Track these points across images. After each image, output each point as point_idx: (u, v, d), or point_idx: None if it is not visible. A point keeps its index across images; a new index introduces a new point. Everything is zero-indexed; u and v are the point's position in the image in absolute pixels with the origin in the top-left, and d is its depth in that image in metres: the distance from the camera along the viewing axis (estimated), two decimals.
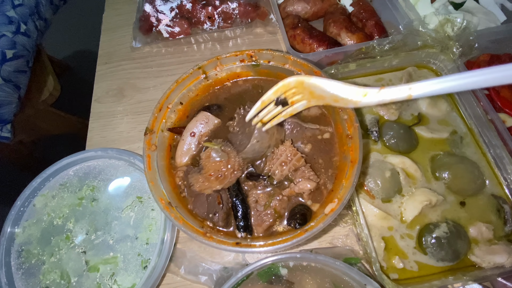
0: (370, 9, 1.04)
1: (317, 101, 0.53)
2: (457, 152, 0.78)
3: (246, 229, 0.56)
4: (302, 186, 0.58)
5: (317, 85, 0.50)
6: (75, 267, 0.68)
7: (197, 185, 0.59)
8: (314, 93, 0.52)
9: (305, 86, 0.51)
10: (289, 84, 0.52)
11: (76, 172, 0.78)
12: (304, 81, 0.51)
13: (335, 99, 0.50)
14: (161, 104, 0.66)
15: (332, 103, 0.51)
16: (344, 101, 0.49)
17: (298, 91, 0.52)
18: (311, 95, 0.52)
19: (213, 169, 0.58)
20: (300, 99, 0.53)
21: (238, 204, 0.58)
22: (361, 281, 0.56)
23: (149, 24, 1.05)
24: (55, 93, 1.70)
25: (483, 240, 0.68)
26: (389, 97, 0.48)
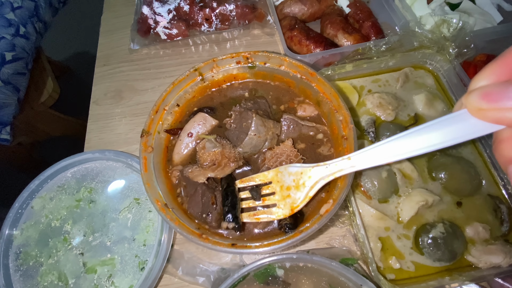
0: (367, 10, 1.05)
1: (284, 206, 0.56)
2: (454, 152, 0.78)
3: (233, 219, 0.55)
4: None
5: (285, 169, 0.57)
6: (73, 268, 0.68)
7: (190, 171, 0.60)
8: (283, 186, 0.57)
9: (278, 178, 0.58)
10: (266, 175, 0.59)
11: (74, 174, 0.79)
12: (278, 169, 0.58)
13: (296, 184, 0.56)
14: (158, 106, 0.66)
15: (294, 197, 0.56)
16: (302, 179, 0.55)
17: (272, 187, 0.58)
18: (281, 191, 0.57)
19: (209, 159, 0.58)
20: (272, 200, 0.58)
21: (229, 193, 0.57)
22: (357, 282, 0.56)
23: (147, 26, 1.06)
24: (54, 95, 1.71)
25: (480, 240, 0.68)
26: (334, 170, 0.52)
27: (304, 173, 0.55)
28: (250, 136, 0.60)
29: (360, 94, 0.88)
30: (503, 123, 0.27)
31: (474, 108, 0.27)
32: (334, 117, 0.63)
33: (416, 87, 0.88)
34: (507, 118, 0.26)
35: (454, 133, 0.33)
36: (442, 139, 0.35)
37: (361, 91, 0.89)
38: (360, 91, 0.89)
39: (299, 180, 0.55)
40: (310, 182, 0.54)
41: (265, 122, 0.61)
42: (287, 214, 0.56)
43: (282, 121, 0.65)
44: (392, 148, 0.43)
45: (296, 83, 0.73)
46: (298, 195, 0.55)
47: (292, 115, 0.67)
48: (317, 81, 0.66)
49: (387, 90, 0.89)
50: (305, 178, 0.55)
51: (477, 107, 0.27)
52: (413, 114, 0.84)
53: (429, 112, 0.84)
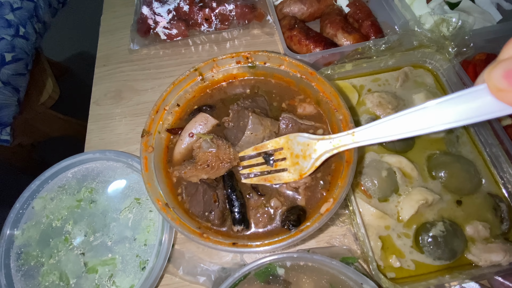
0: (366, 10, 1.05)
1: (294, 171, 0.60)
2: (453, 151, 0.78)
3: (242, 222, 0.57)
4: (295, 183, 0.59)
5: (295, 139, 0.60)
6: (74, 268, 0.68)
7: (184, 172, 0.60)
8: (293, 153, 0.60)
9: (288, 145, 0.60)
10: (278, 141, 0.62)
11: (74, 174, 0.79)
12: (288, 136, 0.61)
13: (303, 154, 0.59)
14: (158, 106, 0.66)
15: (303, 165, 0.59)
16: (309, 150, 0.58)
17: (284, 153, 0.61)
18: (291, 157, 0.60)
19: (202, 159, 0.59)
20: (283, 166, 0.61)
21: (234, 198, 0.59)
22: (357, 280, 0.56)
23: (147, 27, 1.06)
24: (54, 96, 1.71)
25: (480, 239, 0.68)
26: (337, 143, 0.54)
27: (310, 145, 0.57)
28: (247, 134, 0.61)
29: (360, 93, 0.88)
30: None
31: (495, 87, 0.23)
32: (334, 116, 0.64)
33: (416, 86, 0.89)
34: None
35: (469, 111, 0.28)
36: (455, 117, 0.30)
37: (360, 91, 0.89)
38: (360, 90, 0.89)
39: (306, 151, 0.58)
40: (315, 155, 0.56)
41: (262, 120, 0.61)
42: (296, 178, 0.59)
43: (281, 120, 0.66)
44: (399, 124, 0.40)
45: (296, 83, 0.73)
46: (305, 164, 0.57)
47: (291, 114, 0.68)
48: (317, 80, 0.66)
49: (387, 89, 0.89)
50: (311, 150, 0.57)
51: (497, 86, 0.23)
52: None
53: None
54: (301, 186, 0.61)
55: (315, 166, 0.57)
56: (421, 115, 0.35)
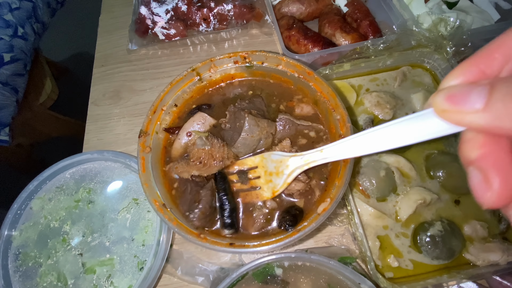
0: (365, 10, 1.05)
1: (267, 189, 0.61)
2: (452, 150, 0.78)
3: (231, 226, 0.58)
4: (290, 187, 0.59)
5: (269, 157, 0.62)
6: (72, 269, 0.68)
7: (176, 168, 0.60)
8: (266, 171, 0.62)
9: (263, 164, 0.62)
10: (253, 161, 0.63)
11: (72, 174, 0.79)
12: (263, 155, 0.63)
13: (277, 171, 0.61)
14: (155, 106, 0.66)
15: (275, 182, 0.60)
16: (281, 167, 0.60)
17: (258, 171, 0.62)
18: (265, 175, 0.62)
19: (196, 156, 0.59)
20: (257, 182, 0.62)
21: (225, 201, 0.60)
22: (355, 280, 0.56)
23: (145, 27, 1.06)
24: (53, 96, 1.71)
25: (478, 238, 0.68)
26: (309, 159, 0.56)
27: (283, 162, 0.59)
28: (243, 136, 0.61)
29: (358, 93, 0.88)
30: (464, 125, 0.27)
31: (439, 109, 0.28)
32: (332, 116, 0.64)
33: (414, 85, 0.89)
34: (467, 121, 0.26)
35: (420, 131, 0.34)
36: (409, 136, 0.35)
37: (359, 90, 0.89)
38: (358, 90, 0.89)
39: (279, 168, 0.60)
40: (287, 171, 0.59)
41: (258, 121, 0.61)
42: (270, 197, 0.60)
43: (278, 121, 0.66)
44: (361, 142, 0.45)
45: (294, 83, 0.73)
46: (278, 181, 0.60)
47: (288, 114, 0.68)
48: (315, 80, 0.66)
49: (385, 89, 0.89)
50: (284, 166, 0.59)
51: (441, 108, 0.27)
52: (411, 113, 0.84)
53: None
54: (295, 193, 0.61)
55: (287, 182, 0.59)
56: (379, 135, 0.40)
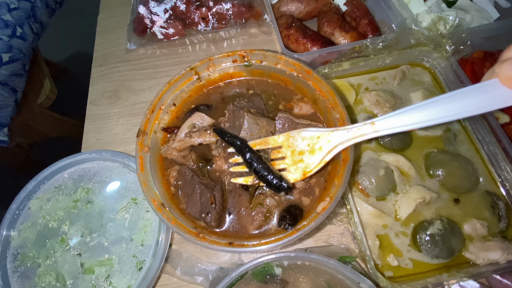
0: (364, 8, 1.04)
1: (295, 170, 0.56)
2: (451, 149, 0.78)
3: (288, 188, 0.54)
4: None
5: (298, 134, 0.56)
6: (70, 269, 0.68)
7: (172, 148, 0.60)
8: (294, 150, 0.56)
9: (290, 142, 0.57)
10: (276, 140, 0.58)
11: (71, 174, 0.79)
12: (289, 133, 0.57)
13: (311, 149, 0.55)
14: (154, 106, 0.66)
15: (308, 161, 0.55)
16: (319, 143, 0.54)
17: (284, 149, 0.57)
18: (292, 155, 0.57)
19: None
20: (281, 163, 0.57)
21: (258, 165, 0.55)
22: (355, 279, 0.56)
23: (143, 26, 1.06)
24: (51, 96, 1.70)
25: (478, 237, 0.68)
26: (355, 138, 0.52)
27: (322, 137, 0.54)
28: (242, 134, 0.60)
29: (357, 92, 0.88)
30: None
31: (506, 77, 0.27)
32: (331, 115, 0.63)
33: (413, 84, 0.88)
34: None
35: (483, 102, 0.32)
36: (471, 107, 0.34)
37: (358, 89, 0.89)
38: (357, 89, 0.89)
39: (314, 145, 0.54)
40: (328, 146, 0.53)
41: (258, 120, 0.61)
42: (298, 178, 0.55)
43: (277, 119, 0.65)
44: (418, 114, 0.42)
45: (293, 82, 0.72)
46: (312, 160, 0.54)
47: (287, 113, 0.67)
48: (314, 79, 0.66)
49: (384, 88, 0.88)
50: (323, 142, 0.53)
51: (510, 76, 0.27)
52: None
53: None
54: (295, 191, 0.60)
55: (325, 161, 0.54)
56: (439, 106, 0.38)
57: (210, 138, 0.59)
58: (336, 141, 0.53)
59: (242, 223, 0.60)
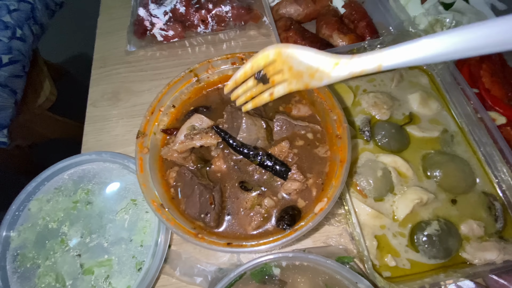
0: (362, 11, 1.05)
1: (296, 82, 0.50)
2: (448, 150, 0.79)
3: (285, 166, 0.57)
4: (287, 187, 0.59)
5: (294, 55, 0.48)
6: (70, 270, 0.68)
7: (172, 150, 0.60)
8: (292, 68, 0.50)
9: (284, 59, 0.49)
10: (267, 56, 0.50)
11: (70, 175, 0.79)
12: (281, 50, 0.49)
13: (310, 73, 0.48)
14: (153, 107, 0.67)
15: (309, 81, 0.49)
16: (319, 73, 0.47)
17: (278, 66, 0.50)
18: (290, 71, 0.50)
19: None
20: (280, 79, 0.51)
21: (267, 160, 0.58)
22: (352, 279, 0.56)
23: (143, 28, 1.06)
24: (51, 98, 1.70)
25: (474, 237, 0.69)
26: (359, 68, 0.44)
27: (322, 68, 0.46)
28: (241, 135, 0.61)
29: (355, 93, 0.89)
30: None
31: None
32: (329, 117, 0.64)
33: (411, 86, 0.89)
34: None
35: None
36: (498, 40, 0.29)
37: (356, 91, 0.90)
38: (355, 90, 0.90)
39: (314, 73, 0.48)
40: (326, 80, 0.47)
41: (255, 121, 0.62)
42: (301, 88, 0.50)
43: (275, 121, 0.66)
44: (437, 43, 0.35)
45: None
46: (313, 83, 0.49)
47: (285, 115, 0.68)
48: None
49: (382, 90, 0.89)
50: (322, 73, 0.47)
51: None
52: (408, 113, 0.85)
53: (423, 111, 0.85)
54: (292, 192, 0.61)
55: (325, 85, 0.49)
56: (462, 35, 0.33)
57: (211, 141, 0.60)
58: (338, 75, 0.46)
59: (240, 223, 0.60)
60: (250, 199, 0.61)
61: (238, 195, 0.62)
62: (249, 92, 0.55)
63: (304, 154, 0.65)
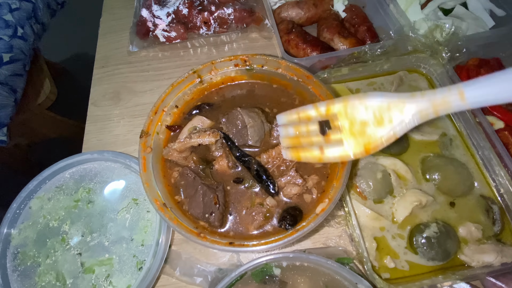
0: (362, 15, 1.07)
1: (355, 143, 0.47)
2: (447, 154, 0.80)
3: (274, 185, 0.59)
4: (287, 191, 0.60)
5: (362, 102, 0.46)
6: (71, 268, 0.68)
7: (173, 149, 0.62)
8: (354, 121, 0.47)
9: (348, 111, 0.46)
10: (331, 108, 0.47)
11: (72, 174, 0.79)
12: (348, 103, 0.46)
13: (378, 119, 0.45)
14: (157, 107, 0.67)
15: (374, 132, 0.46)
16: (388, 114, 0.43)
17: (339, 120, 0.47)
18: (351, 126, 0.47)
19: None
20: (337, 138, 0.48)
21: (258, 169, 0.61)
22: (352, 280, 0.57)
23: (146, 29, 1.07)
24: (51, 97, 1.70)
25: (472, 240, 0.70)
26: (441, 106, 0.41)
27: (394, 106, 0.43)
28: (250, 125, 0.62)
29: None
30: None
31: None
32: None
33: (410, 90, 0.90)
34: None
35: None
36: None
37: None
38: (355, 94, 0.91)
39: (382, 115, 0.44)
40: (400, 118, 0.43)
41: (249, 111, 0.63)
42: (358, 152, 0.46)
43: (274, 127, 0.67)
44: None
45: (293, 86, 0.74)
46: (379, 133, 0.44)
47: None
48: (313, 83, 0.67)
49: None
50: (394, 112, 0.43)
51: None
52: None
53: None
54: (293, 197, 0.62)
55: (397, 136, 0.44)
56: None
57: (209, 138, 0.60)
58: (412, 111, 0.42)
59: (243, 223, 0.61)
60: (252, 198, 0.61)
61: (241, 194, 0.63)
62: (300, 137, 0.51)
63: None
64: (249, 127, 0.63)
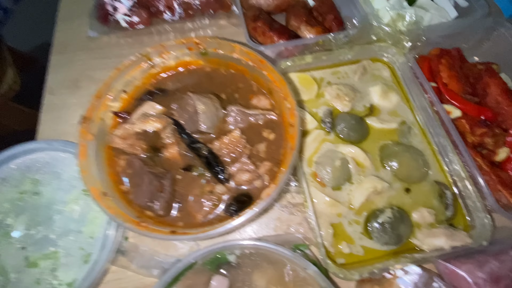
0: (330, 4, 1.06)
1: None
2: (405, 141, 0.81)
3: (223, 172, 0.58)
4: (238, 178, 0.58)
5: None
6: (14, 263, 0.64)
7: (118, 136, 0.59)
8: None
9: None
10: None
11: (18, 165, 0.74)
12: None
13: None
14: (99, 92, 0.63)
15: None
16: None
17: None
18: None
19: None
20: None
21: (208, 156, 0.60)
22: (301, 265, 0.57)
23: (105, 13, 1.02)
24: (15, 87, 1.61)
25: (425, 224, 0.71)
26: None
27: None
28: (202, 110, 0.60)
29: (320, 85, 0.89)
30: None
31: None
32: (284, 105, 0.64)
33: (373, 79, 0.91)
34: None
35: None
36: None
37: (320, 83, 0.90)
38: (319, 82, 0.90)
39: None
40: None
41: (202, 97, 0.61)
42: None
43: (227, 113, 0.65)
44: None
45: (250, 71, 0.72)
46: None
47: (237, 105, 0.67)
48: (267, 69, 0.66)
49: (346, 82, 0.90)
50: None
51: None
52: (369, 105, 0.86)
53: (384, 103, 0.86)
54: (243, 183, 0.61)
55: None
56: None
57: (155, 124, 0.58)
58: None
59: (191, 211, 0.59)
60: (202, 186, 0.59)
61: (191, 182, 0.61)
62: None
63: (257, 142, 0.65)
64: (201, 112, 0.60)
